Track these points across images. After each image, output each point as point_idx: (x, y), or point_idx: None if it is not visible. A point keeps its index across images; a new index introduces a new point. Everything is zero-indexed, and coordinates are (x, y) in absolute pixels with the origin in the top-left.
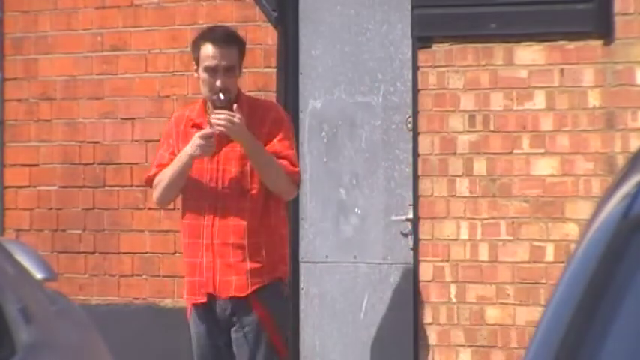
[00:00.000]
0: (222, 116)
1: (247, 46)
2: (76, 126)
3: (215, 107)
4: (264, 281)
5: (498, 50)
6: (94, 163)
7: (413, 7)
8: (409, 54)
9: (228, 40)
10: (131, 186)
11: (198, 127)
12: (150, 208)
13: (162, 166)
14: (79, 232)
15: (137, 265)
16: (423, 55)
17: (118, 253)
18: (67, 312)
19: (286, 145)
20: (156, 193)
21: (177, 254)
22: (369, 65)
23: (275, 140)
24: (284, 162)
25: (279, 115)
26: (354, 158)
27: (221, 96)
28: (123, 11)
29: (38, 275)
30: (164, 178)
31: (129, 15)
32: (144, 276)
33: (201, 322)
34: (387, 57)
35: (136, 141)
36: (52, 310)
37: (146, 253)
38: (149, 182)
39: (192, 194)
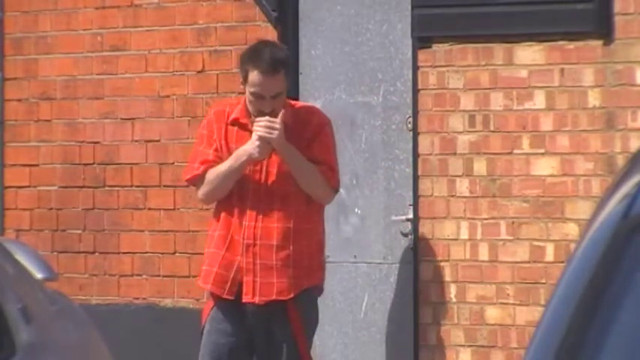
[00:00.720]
0: (262, 122)
1: (247, 46)
2: (76, 126)
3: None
4: (304, 286)
5: (498, 50)
6: (94, 163)
7: (413, 7)
8: (409, 54)
9: (276, 68)
10: (131, 186)
11: (243, 126)
12: (150, 208)
13: (207, 163)
14: (79, 232)
15: (137, 265)
16: (423, 55)
17: (118, 253)
18: (67, 312)
19: (326, 150)
20: (205, 189)
21: (177, 254)
22: (369, 65)
23: (315, 144)
24: (323, 167)
25: (321, 120)
26: (354, 158)
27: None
28: (123, 11)
29: (38, 275)
30: (217, 175)
31: (129, 15)
32: (144, 276)
33: (224, 320)
34: (387, 57)
35: (136, 141)
36: (52, 310)
37: (146, 253)
38: (195, 180)
39: (235, 193)
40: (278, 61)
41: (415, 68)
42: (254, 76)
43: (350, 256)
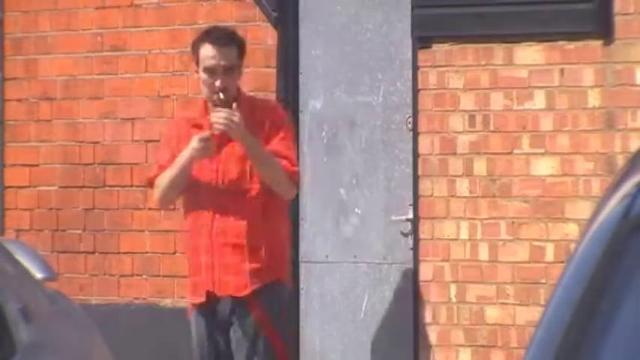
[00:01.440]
0: (221, 114)
1: (247, 46)
2: (76, 126)
3: (215, 107)
4: (264, 282)
5: (498, 50)
6: (94, 163)
7: (413, 7)
8: (409, 54)
9: (228, 40)
10: (131, 186)
11: (199, 127)
12: (150, 208)
13: (162, 167)
14: (79, 232)
15: (137, 265)
16: (423, 55)
17: (118, 253)
18: (67, 312)
19: (286, 145)
20: (156, 193)
21: (177, 254)
22: (369, 65)
23: (275, 139)
24: (284, 162)
25: (279, 114)
26: (354, 158)
27: (221, 95)
28: (123, 11)
29: (38, 275)
30: (165, 179)
31: (129, 15)
32: (144, 276)
33: (202, 323)
34: (387, 57)
35: (136, 141)
36: (52, 310)
37: (146, 253)
38: (150, 182)
39: (193, 194)
40: (230, 35)
41: (415, 68)
42: (205, 49)
43: (350, 256)
